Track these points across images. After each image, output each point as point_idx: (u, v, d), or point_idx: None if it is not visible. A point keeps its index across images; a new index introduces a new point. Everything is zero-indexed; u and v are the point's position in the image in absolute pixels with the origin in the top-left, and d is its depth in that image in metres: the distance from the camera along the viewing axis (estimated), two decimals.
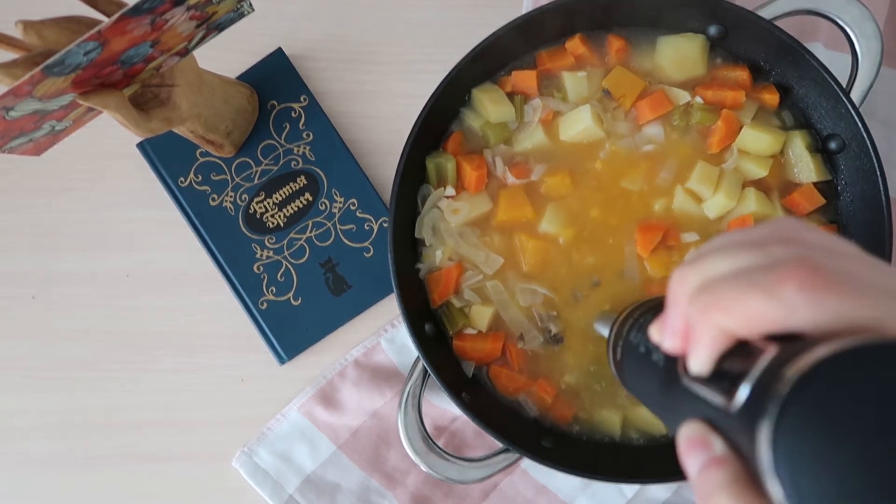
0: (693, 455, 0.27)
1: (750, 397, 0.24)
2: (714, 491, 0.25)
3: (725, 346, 0.27)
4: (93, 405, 0.68)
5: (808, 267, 0.25)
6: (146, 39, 0.46)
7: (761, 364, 0.25)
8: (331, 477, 0.67)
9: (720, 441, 0.26)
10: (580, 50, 0.62)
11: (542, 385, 0.60)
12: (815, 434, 0.21)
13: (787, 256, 0.26)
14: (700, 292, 0.27)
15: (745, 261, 0.27)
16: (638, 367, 0.37)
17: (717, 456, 0.26)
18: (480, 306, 0.61)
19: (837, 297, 0.24)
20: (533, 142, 0.61)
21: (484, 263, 0.61)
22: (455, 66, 0.58)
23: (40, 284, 0.69)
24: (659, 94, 0.60)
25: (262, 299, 0.68)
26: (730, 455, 0.26)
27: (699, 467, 0.26)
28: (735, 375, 0.26)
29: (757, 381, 0.24)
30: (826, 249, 0.27)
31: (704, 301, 0.27)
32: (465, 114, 0.63)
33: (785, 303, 0.24)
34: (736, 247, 0.28)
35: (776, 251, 0.27)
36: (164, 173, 0.69)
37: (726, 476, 0.25)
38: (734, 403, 0.25)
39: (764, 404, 0.23)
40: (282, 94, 0.69)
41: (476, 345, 0.60)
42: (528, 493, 0.67)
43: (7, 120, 0.44)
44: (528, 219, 0.61)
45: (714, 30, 0.60)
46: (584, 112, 0.60)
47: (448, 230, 0.61)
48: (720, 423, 0.27)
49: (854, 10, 0.57)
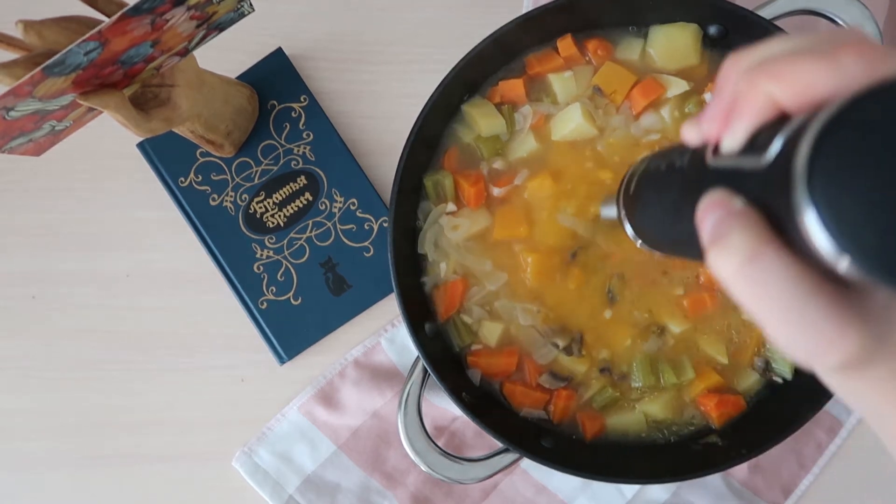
0: (709, 214, 0.26)
1: (785, 145, 0.23)
2: (728, 230, 0.24)
3: (768, 117, 0.26)
4: (93, 405, 0.68)
5: (868, 44, 0.24)
6: (146, 39, 0.46)
7: (800, 118, 0.23)
8: (331, 477, 0.67)
9: (741, 199, 0.25)
10: (571, 51, 0.62)
11: (565, 395, 0.60)
12: (856, 154, 0.20)
13: (849, 39, 0.25)
14: (756, 66, 0.27)
15: (807, 44, 0.26)
16: (656, 185, 0.35)
17: (737, 209, 0.25)
18: (490, 322, 0.61)
19: (891, 60, 0.23)
20: (526, 149, 0.61)
21: (489, 277, 0.61)
22: (455, 66, 0.58)
23: (40, 284, 0.69)
24: (649, 81, 0.60)
25: (262, 299, 0.68)
26: (751, 208, 0.25)
27: (716, 219, 0.25)
28: (768, 137, 0.24)
29: (796, 128, 0.23)
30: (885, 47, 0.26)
31: (759, 71, 0.26)
32: (458, 129, 0.63)
33: (841, 68, 0.24)
34: (794, 36, 0.27)
35: (839, 37, 0.26)
36: (164, 173, 0.69)
37: (745, 220, 0.24)
38: (766, 158, 0.24)
39: (800, 142, 0.21)
40: (282, 94, 0.69)
41: (491, 360, 0.60)
42: (528, 493, 0.67)
43: (7, 120, 0.44)
44: (524, 235, 0.61)
45: (714, 30, 0.60)
46: (573, 110, 0.60)
47: (450, 244, 0.61)
48: (745, 186, 0.25)
49: (854, 10, 0.57)
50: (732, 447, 0.58)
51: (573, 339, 0.60)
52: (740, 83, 0.27)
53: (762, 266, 0.24)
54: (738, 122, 0.27)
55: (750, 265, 0.24)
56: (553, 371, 0.60)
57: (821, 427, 0.66)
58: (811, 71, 0.24)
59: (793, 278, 0.23)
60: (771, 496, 0.66)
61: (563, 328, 0.60)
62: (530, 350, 0.60)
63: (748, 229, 0.24)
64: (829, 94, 0.24)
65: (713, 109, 0.28)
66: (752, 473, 0.66)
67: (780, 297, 0.23)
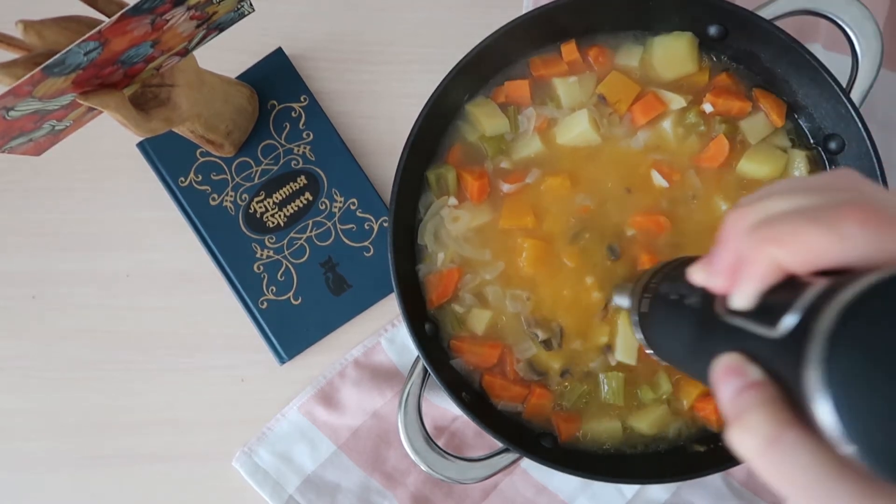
0: (728, 381, 0.26)
1: (800, 322, 0.23)
2: (748, 408, 0.24)
3: (775, 280, 0.26)
4: (93, 405, 0.68)
5: (869, 206, 0.24)
6: (146, 39, 0.46)
7: (814, 291, 0.24)
8: (331, 477, 0.67)
9: (757, 369, 0.26)
10: (574, 55, 0.62)
11: (539, 393, 0.60)
12: (872, 351, 0.21)
13: (848, 198, 0.26)
14: (758, 227, 0.27)
15: (806, 201, 0.27)
16: (668, 316, 0.36)
17: (753, 380, 0.25)
18: (479, 310, 0.61)
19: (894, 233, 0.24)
20: (531, 150, 0.61)
21: (486, 266, 0.61)
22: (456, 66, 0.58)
23: (40, 284, 0.69)
24: (650, 97, 0.60)
25: (262, 299, 0.68)
26: (767, 380, 0.25)
27: (734, 391, 0.25)
28: (781, 306, 0.25)
29: (809, 305, 0.23)
30: (885, 197, 0.27)
31: (761, 234, 0.27)
32: (462, 127, 0.63)
33: (844, 237, 0.24)
34: (796, 190, 0.28)
35: (837, 194, 0.26)
36: (164, 173, 0.69)
37: (762, 396, 0.24)
38: (779, 329, 0.24)
39: (815, 325, 0.22)
40: (282, 94, 0.69)
41: (474, 348, 0.60)
42: (528, 493, 0.67)
43: (7, 120, 0.44)
44: (529, 226, 0.61)
45: (714, 30, 0.60)
46: (581, 116, 0.60)
47: (450, 235, 0.61)
48: (759, 353, 0.26)
49: (854, 10, 0.57)
50: None
51: (553, 334, 0.60)
52: (744, 244, 0.27)
53: (783, 449, 0.24)
54: (747, 283, 0.27)
55: (772, 449, 0.24)
56: (531, 362, 0.60)
57: None
58: (815, 240, 0.25)
59: (816, 463, 0.23)
60: (771, 496, 0.66)
61: (546, 321, 0.60)
62: (512, 342, 0.60)
63: (767, 410, 0.24)
64: (836, 265, 0.24)
65: (720, 263, 0.29)
66: (752, 473, 0.66)
67: (804, 480, 0.23)
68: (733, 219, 0.29)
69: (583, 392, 0.60)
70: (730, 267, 0.28)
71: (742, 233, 0.28)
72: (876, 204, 0.25)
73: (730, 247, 0.29)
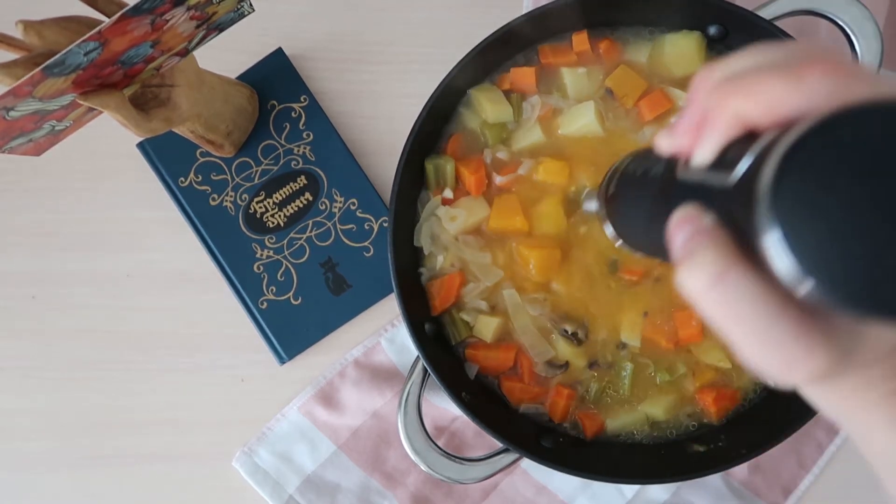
0: (680, 230, 0.26)
1: (752, 164, 0.23)
2: (697, 249, 0.25)
3: (736, 133, 0.27)
4: (93, 405, 0.68)
5: (832, 58, 0.24)
6: (146, 39, 0.46)
7: (768, 136, 0.24)
8: (331, 477, 0.67)
9: (710, 216, 0.26)
10: (584, 46, 0.62)
11: (559, 391, 0.60)
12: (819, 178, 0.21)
13: (815, 55, 0.26)
14: (723, 82, 0.27)
15: (773, 57, 0.27)
16: (632, 191, 0.36)
17: (705, 226, 0.25)
18: (487, 316, 0.60)
19: (857, 83, 0.24)
20: (531, 139, 0.61)
21: (485, 271, 0.61)
22: (456, 65, 0.58)
23: (40, 284, 0.69)
24: (657, 94, 0.60)
25: (262, 299, 0.68)
26: (719, 225, 0.25)
27: (685, 236, 0.26)
28: (738, 156, 0.25)
29: (762, 148, 0.23)
30: (851, 60, 0.27)
31: (725, 88, 0.27)
32: (464, 114, 0.63)
33: (808, 86, 0.24)
34: (764, 49, 0.28)
35: (804, 52, 0.26)
36: (164, 173, 0.69)
37: (713, 237, 0.25)
38: (734, 174, 0.24)
39: (765, 164, 0.22)
40: (282, 94, 0.69)
41: (489, 353, 0.60)
42: (528, 493, 0.67)
43: (7, 120, 0.44)
44: (520, 228, 0.60)
45: (714, 30, 0.60)
46: (587, 107, 0.60)
47: (448, 237, 0.61)
48: (714, 202, 0.26)
49: (854, 10, 0.57)
50: (732, 447, 0.58)
51: (580, 325, 0.60)
52: (710, 98, 0.27)
53: (729, 286, 0.24)
54: (708, 137, 0.27)
55: (717, 284, 0.24)
56: (549, 360, 0.60)
57: (821, 427, 0.66)
58: (777, 89, 0.25)
59: (759, 298, 0.23)
60: (771, 496, 0.66)
61: (568, 315, 0.60)
62: (528, 344, 0.60)
63: (716, 248, 0.24)
64: (796, 113, 0.24)
65: (684, 123, 0.29)
66: (752, 473, 0.66)
67: (746, 317, 0.24)
68: (700, 78, 0.29)
69: (604, 385, 0.60)
70: (694, 125, 0.28)
71: (709, 87, 0.28)
72: (840, 59, 0.25)
73: (696, 103, 0.29)
